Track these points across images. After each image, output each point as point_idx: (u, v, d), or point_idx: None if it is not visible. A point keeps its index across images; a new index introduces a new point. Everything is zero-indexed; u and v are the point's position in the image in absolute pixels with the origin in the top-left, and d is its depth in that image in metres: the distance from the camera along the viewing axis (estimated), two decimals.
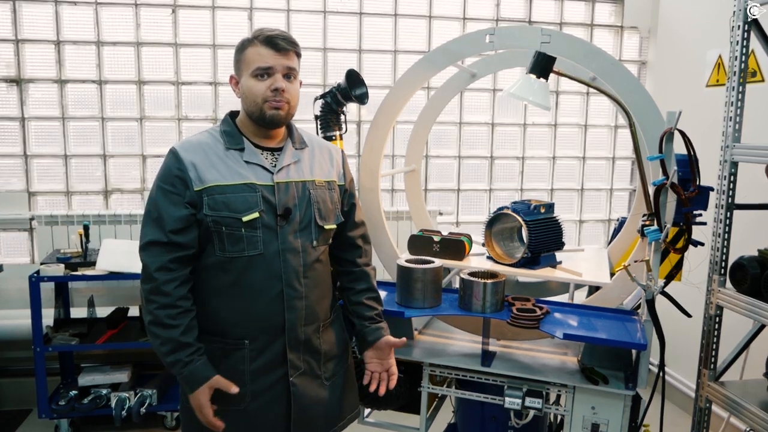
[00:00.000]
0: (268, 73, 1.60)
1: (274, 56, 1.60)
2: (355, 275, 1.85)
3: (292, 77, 1.64)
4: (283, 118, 1.64)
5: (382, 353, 1.80)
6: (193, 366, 1.57)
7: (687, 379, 3.48)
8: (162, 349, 1.57)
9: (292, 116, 1.69)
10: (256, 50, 1.60)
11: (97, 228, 3.38)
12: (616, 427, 1.81)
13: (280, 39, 1.60)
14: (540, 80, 1.87)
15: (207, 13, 3.58)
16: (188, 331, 1.58)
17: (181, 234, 1.57)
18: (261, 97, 1.60)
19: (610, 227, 4.13)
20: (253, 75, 1.61)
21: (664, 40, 3.86)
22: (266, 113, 1.62)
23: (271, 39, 1.59)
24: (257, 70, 1.60)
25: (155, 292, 1.56)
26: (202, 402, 1.58)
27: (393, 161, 3.86)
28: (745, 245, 2.32)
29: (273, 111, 1.61)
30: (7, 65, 3.43)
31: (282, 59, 1.60)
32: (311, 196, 1.68)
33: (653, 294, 1.77)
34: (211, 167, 1.60)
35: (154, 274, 1.56)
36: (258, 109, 1.62)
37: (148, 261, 1.58)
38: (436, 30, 3.83)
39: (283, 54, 1.60)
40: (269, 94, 1.60)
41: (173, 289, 1.56)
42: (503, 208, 2.16)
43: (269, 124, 1.64)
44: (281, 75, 1.61)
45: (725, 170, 2.20)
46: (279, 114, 1.62)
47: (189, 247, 1.59)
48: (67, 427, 3.14)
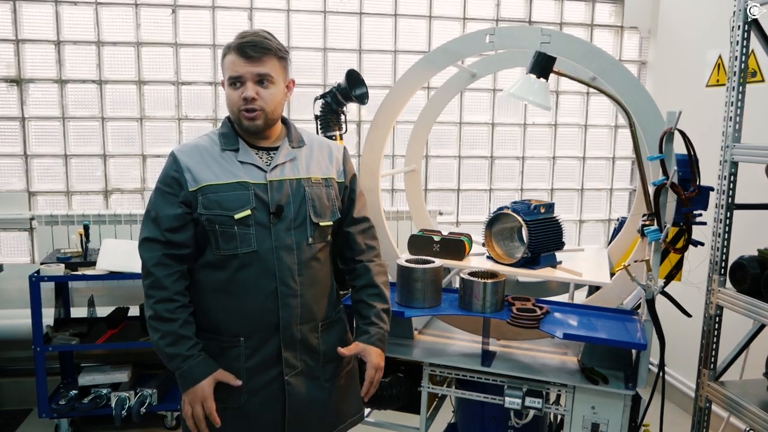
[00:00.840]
0: (240, 81, 1.61)
1: (244, 64, 1.60)
2: (356, 272, 1.83)
3: (267, 82, 1.63)
4: (260, 127, 1.65)
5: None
6: (193, 362, 1.58)
7: (687, 379, 3.48)
8: (161, 343, 1.59)
9: (275, 119, 1.69)
10: (230, 58, 1.62)
11: (97, 228, 3.38)
12: (616, 427, 1.81)
13: (249, 47, 1.59)
14: (540, 80, 1.87)
15: (207, 13, 3.58)
16: (187, 324, 1.60)
17: (176, 232, 1.61)
18: (236, 106, 1.63)
19: (610, 227, 4.13)
20: (228, 84, 1.63)
21: (664, 40, 3.86)
22: (242, 123, 1.64)
23: (241, 47, 1.60)
24: (230, 79, 1.62)
25: (153, 286, 1.60)
26: (207, 393, 1.58)
27: (393, 161, 3.86)
28: (745, 245, 2.32)
29: (248, 122, 1.63)
30: (7, 65, 3.43)
31: (252, 67, 1.60)
32: (306, 193, 1.68)
33: (653, 294, 1.77)
34: (206, 168, 1.63)
35: (151, 269, 1.60)
36: (236, 117, 1.65)
37: (146, 256, 1.62)
38: (436, 30, 3.83)
39: (254, 61, 1.60)
40: (241, 102, 1.61)
41: (171, 283, 1.60)
42: (503, 208, 2.16)
43: (247, 132, 1.67)
44: (252, 83, 1.61)
45: (725, 170, 2.20)
46: (255, 124, 1.63)
47: (184, 246, 1.62)
48: (67, 426, 3.14)
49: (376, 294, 1.80)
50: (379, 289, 1.80)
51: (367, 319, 1.77)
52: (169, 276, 1.60)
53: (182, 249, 1.62)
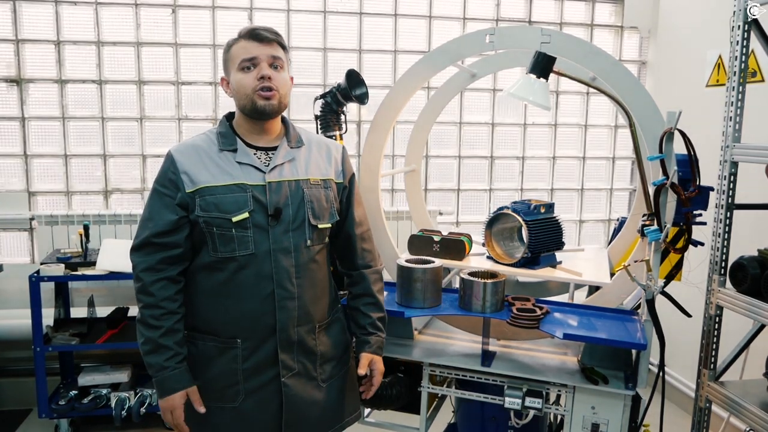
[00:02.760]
0: (253, 64, 1.63)
1: (258, 47, 1.63)
2: (352, 278, 1.85)
3: (279, 67, 1.65)
4: (275, 108, 1.65)
5: None
6: (168, 373, 1.60)
7: (687, 379, 3.48)
8: (143, 348, 1.62)
9: (285, 106, 1.70)
10: (240, 45, 1.64)
11: (97, 228, 3.38)
12: (616, 427, 1.81)
13: (262, 30, 1.64)
14: (540, 80, 1.87)
15: (207, 13, 3.58)
16: (169, 334, 1.61)
17: (168, 235, 1.61)
18: (250, 88, 1.62)
19: (610, 227, 4.13)
20: (239, 69, 1.63)
21: (664, 40, 3.86)
22: (257, 104, 1.63)
23: (253, 31, 1.64)
24: (243, 63, 1.63)
25: (141, 291, 1.62)
26: (176, 404, 1.62)
27: (393, 161, 3.86)
28: (745, 245, 2.32)
29: (263, 102, 1.62)
30: (7, 65, 3.43)
31: (266, 49, 1.63)
32: (305, 195, 1.67)
33: (653, 294, 1.77)
34: (203, 169, 1.62)
35: (140, 275, 1.61)
36: (249, 101, 1.63)
37: (136, 261, 1.63)
38: (436, 30, 3.83)
39: (267, 44, 1.63)
40: (257, 83, 1.62)
41: (158, 290, 1.60)
42: (503, 208, 2.16)
43: (262, 114, 1.65)
44: (267, 64, 1.63)
45: (725, 170, 2.20)
46: (270, 104, 1.63)
47: (176, 247, 1.62)
48: (67, 426, 3.14)
49: (373, 303, 1.83)
50: (375, 298, 1.84)
51: (365, 330, 1.81)
52: (157, 282, 1.60)
53: (173, 250, 1.62)
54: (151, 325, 1.60)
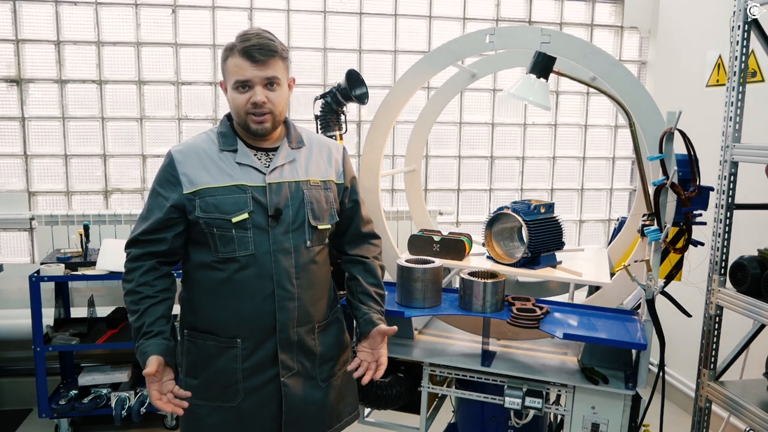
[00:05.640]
0: (248, 85, 1.60)
1: (252, 68, 1.58)
2: (366, 266, 1.84)
3: (275, 84, 1.62)
4: (268, 129, 1.65)
5: (374, 342, 1.75)
6: (144, 342, 1.58)
7: (687, 378, 3.48)
8: (133, 336, 1.62)
9: (281, 121, 1.69)
10: (234, 62, 1.59)
11: (97, 228, 3.38)
12: (616, 427, 1.81)
13: (257, 50, 1.57)
14: (540, 80, 1.87)
15: (207, 13, 3.58)
16: (144, 315, 1.59)
17: (155, 233, 1.63)
18: (243, 110, 1.61)
19: (610, 227, 4.13)
20: (233, 87, 1.61)
21: (664, 40, 3.86)
22: (250, 127, 1.63)
23: (248, 51, 1.57)
24: (236, 83, 1.60)
25: (123, 280, 1.65)
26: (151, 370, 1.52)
27: (393, 161, 3.86)
28: (745, 245, 2.32)
29: (256, 125, 1.62)
30: (7, 65, 3.43)
31: (260, 71, 1.58)
32: (305, 196, 1.67)
33: (653, 294, 1.77)
34: (203, 170, 1.62)
35: (125, 265, 1.65)
36: (242, 120, 1.64)
37: (126, 254, 1.67)
38: (436, 30, 3.83)
39: (261, 65, 1.58)
40: (249, 107, 1.60)
41: (138, 276, 1.62)
42: (503, 208, 2.16)
43: (254, 135, 1.66)
44: (261, 86, 1.60)
45: (725, 170, 2.20)
46: (264, 127, 1.63)
47: (161, 242, 1.63)
48: (67, 426, 3.14)
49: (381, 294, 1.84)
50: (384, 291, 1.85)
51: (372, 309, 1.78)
52: (136, 270, 1.62)
53: (159, 245, 1.63)
54: (131, 310, 1.61)
